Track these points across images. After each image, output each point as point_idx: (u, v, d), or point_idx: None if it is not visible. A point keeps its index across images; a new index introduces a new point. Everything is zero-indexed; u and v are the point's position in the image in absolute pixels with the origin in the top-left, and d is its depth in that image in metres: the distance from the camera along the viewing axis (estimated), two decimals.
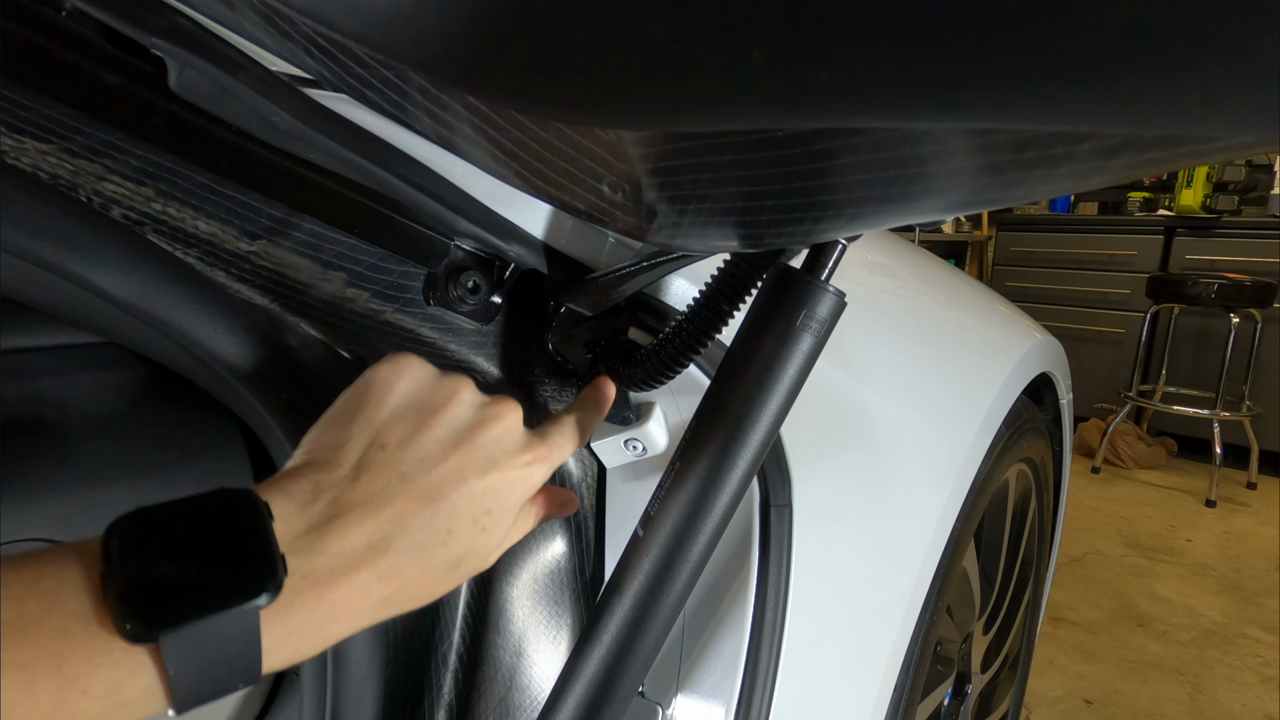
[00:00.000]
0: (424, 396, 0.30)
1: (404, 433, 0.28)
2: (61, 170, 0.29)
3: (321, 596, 0.24)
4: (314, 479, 0.26)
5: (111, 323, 0.32)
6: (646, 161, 0.21)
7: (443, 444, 0.29)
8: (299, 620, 0.24)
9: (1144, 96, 0.11)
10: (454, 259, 0.39)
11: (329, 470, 0.27)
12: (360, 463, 0.27)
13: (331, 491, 0.26)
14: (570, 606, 0.45)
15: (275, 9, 0.19)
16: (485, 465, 0.29)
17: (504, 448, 0.30)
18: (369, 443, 0.28)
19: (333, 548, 0.25)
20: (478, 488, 0.29)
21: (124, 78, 0.29)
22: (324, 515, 0.25)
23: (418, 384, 0.30)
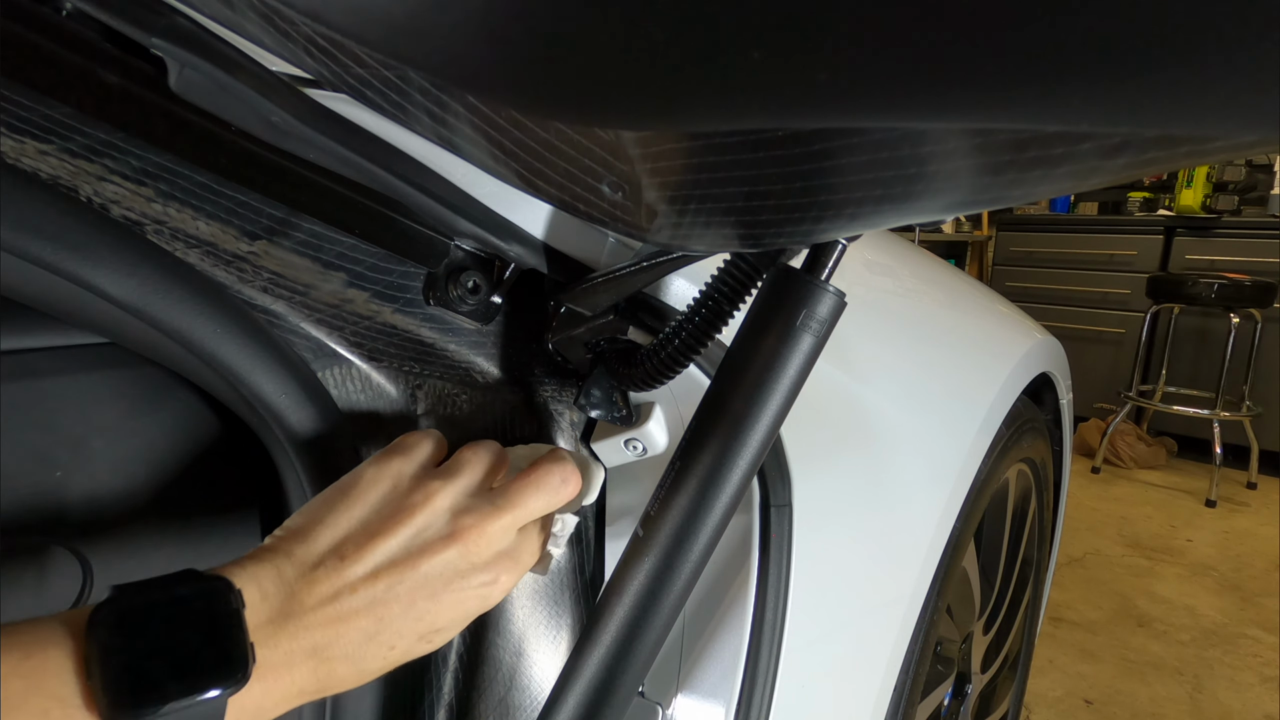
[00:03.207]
0: (396, 499, 0.30)
1: (361, 544, 0.29)
2: (61, 170, 0.29)
3: (267, 687, 0.26)
4: (278, 568, 0.27)
5: (111, 323, 0.32)
6: (646, 161, 0.21)
7: (397, 562, 0.29)
8: (244, 704, 0.25)
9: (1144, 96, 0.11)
10: (454, 259, 0.39)
11: (292, 564, 0.28)
12: (318, 564, 0.28)
13: (289, 586, 0.27)
14: (570, 606, 0.45)
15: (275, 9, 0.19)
16: (437, 589, 0.30)
17: (459, 570, 0.30)
18: (331, 547, 0.29)
19: (283, 645, 0.26)
20: (426, 610, 0.29)
21: (124, 78, 0.29)
22: (280, 611, 0.27)
23: (397, 485, 0.31)
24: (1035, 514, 1.06)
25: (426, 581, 0.29)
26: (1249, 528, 2.46)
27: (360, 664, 0.28)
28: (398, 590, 0.29)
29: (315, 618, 0.27)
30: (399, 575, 0.29)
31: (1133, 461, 2.98)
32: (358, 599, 0.28)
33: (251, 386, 0.35)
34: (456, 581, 0.30)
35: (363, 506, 0.30)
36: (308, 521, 0.29)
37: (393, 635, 0.29)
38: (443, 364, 0.41)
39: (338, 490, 0.31)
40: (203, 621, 0.24)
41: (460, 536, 0.30)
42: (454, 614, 0.30)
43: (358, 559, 0.28)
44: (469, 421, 0.43)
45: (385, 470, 0.31)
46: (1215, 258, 3.00)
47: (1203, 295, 2.65)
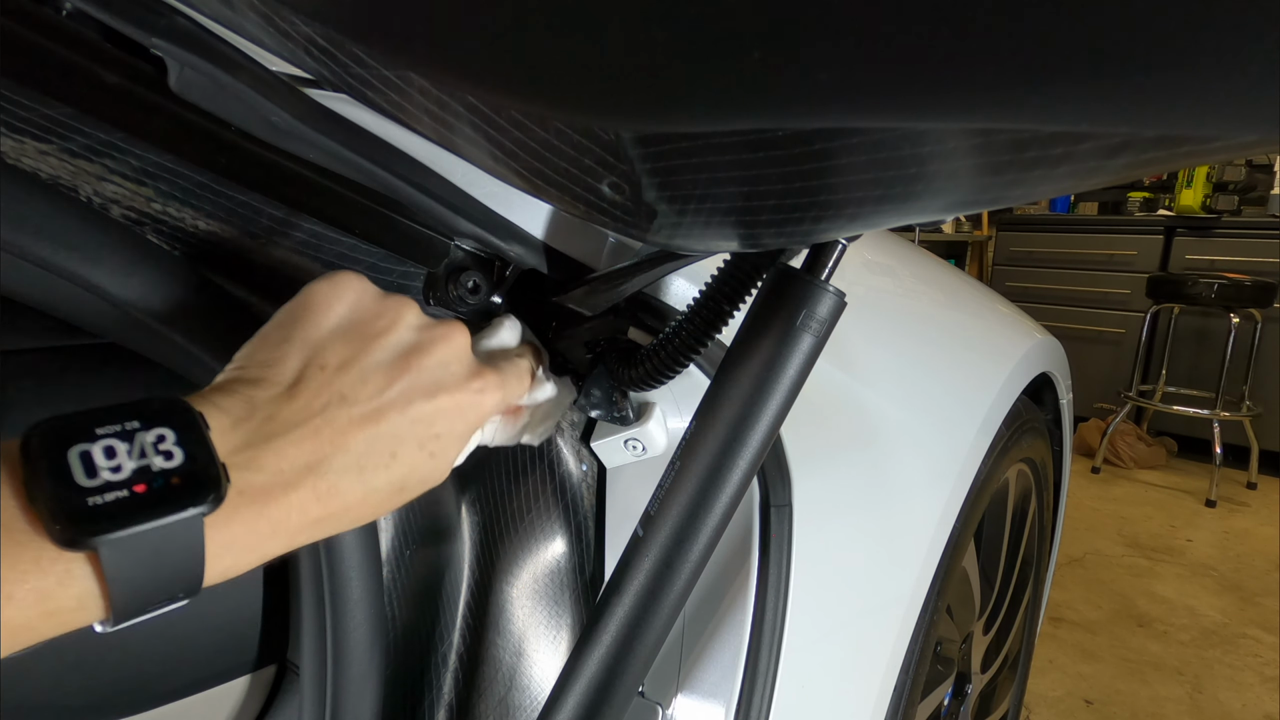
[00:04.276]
0: (365, 317, 0.29)
1: (344, 354, 0.27)
2: (62, 170, 0.29)
3: (259, 513, 0.23)
4: (247, 395, 0.25)
5: (111, 323, 0.32)
6: (646, 161, 0.21)
7: (385, 366, 0.28)
8: (236, 535, 0.23)
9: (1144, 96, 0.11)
10: (454, 259, 0.39)
11: (264, 387, 0.25)
12: (298, 381, 0.26)
13: (267, 409, 0.25)
14: (570, 606, 0.45)
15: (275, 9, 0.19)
16: (431, 388, 0.28)
17: (451, 372, 0.29)
18: (306, 361, 0.27)
19: (270, 465, 0.24)
20: (423, 411, 0.28)
21: (124, 78, 0.29)
22: (260, 433, 0.24)
23: (359, 303, 0.29)
24: (1035, 514, 1.06)
25: (418, 381, 0.28)
26: (1249, 528, 2.46)
27: (364, 476, 0.26)
28: (392, 393, 0.27)
29: (304, 431, 0.25)
30: (390, 376, 0.27)
31: (1133, 461, 2.98)
32: (352, 406, 0.26)
33: None
34: (449, 384, 0.29)
35: (330, 317, 0.28)
36: (264, 345, 0.27)
37: (392, 440, 0.27)
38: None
39: (292, 310, 0.28)
40: (161, 439, 0.22)
41: (437, 343, 0.29)
42: (451, 420, 0.29)
43: (343, 366, 0.27)
44: None
45: (341, 286, 0.29)
46: (1215, 258, 3.00)
47: (1203, 295, 2.65)
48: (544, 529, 0.45)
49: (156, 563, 0.21)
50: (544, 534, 0.45)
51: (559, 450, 0.44)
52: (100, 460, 0.20)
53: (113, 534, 0.20)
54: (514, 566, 0.45)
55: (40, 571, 0.19)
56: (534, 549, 0.45)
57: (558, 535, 0.45)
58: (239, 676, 0.45)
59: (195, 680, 0.43)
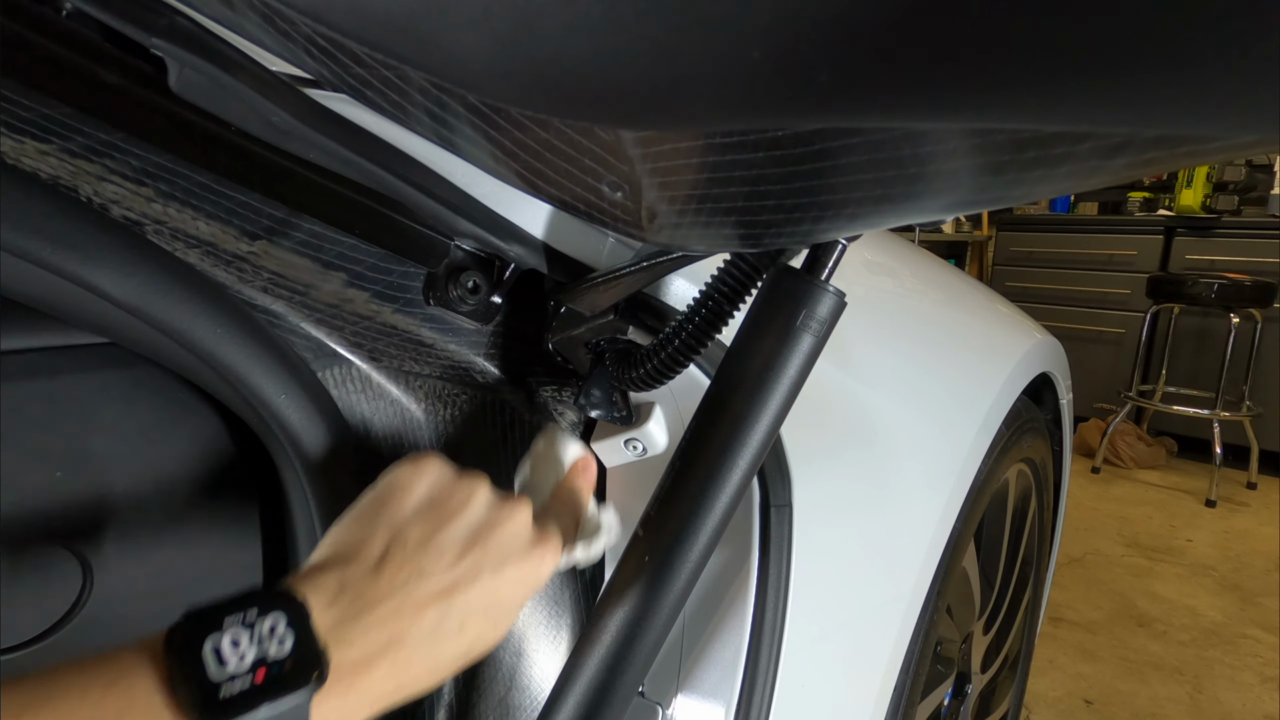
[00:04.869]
0: (443, 496, 0.31)
1: (424, 532, 0.30)
2: (62, 170, 0.29)
3: (349, 685, 0.26)
4: (340, 574, 0.28)
5: (111, 323, 0.32)
6: (646, 161, 0.21)
7: (459, 543, 0.30)
8: (331, 708, 0.25)
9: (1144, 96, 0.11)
10: (454, 259, 0.39)
11: (354, 566, 0.28)
12: (383, 559, 0.28)
13: (356, 587, 0.27)
14: (570, 606, 0.45)
15: (275, 9, 0.19)
16: (498, 563, 0.31)
17: (517, 545, 0.32)
18: (390, 540, 0.29)
19: (359, 641, 0.26)
20: (491, 584, 0.30)
21: (124, 78, 0.29)
22: (351, 610, 0.27)
23: (437, 484, 0.32)
24: (1035, 514, 1.06)
25: (490, 557, 0.30)
26: (1249, 528, 2.46)
27: (434, 649, 0.28)
28: (465, 568, 0.30)
29: (388, 608, 0.27)
30: (463, 552, 0.30)
31: (1133, 461, 2.98)
32: (432, 582, 0.29)
33: (251, 387, 0.35)
34: (515, 555, 0.31)
35: (412, 500, 0.31)
36: (352, 530, 0.30)
37: (462, 612, 0.29)
38: (443, 364, 0.41)
39: (378, 495, 0.31)
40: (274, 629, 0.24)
41: (506, 520, 0.32)
42: (515, 589, 0.31)
43: (424, 544, 0.29)
44: (469, 421, 0.43)
45: (422, 470, 0.32)
46: (1215, 258, 3.00)
47: (1203, 295, 2.65)
48: None
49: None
50: None
51: None
52: (228, 651, 0.23)
53: (240, 717, 0.22)
54: None
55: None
56: None
57: None
58: None
59: None
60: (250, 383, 0.35)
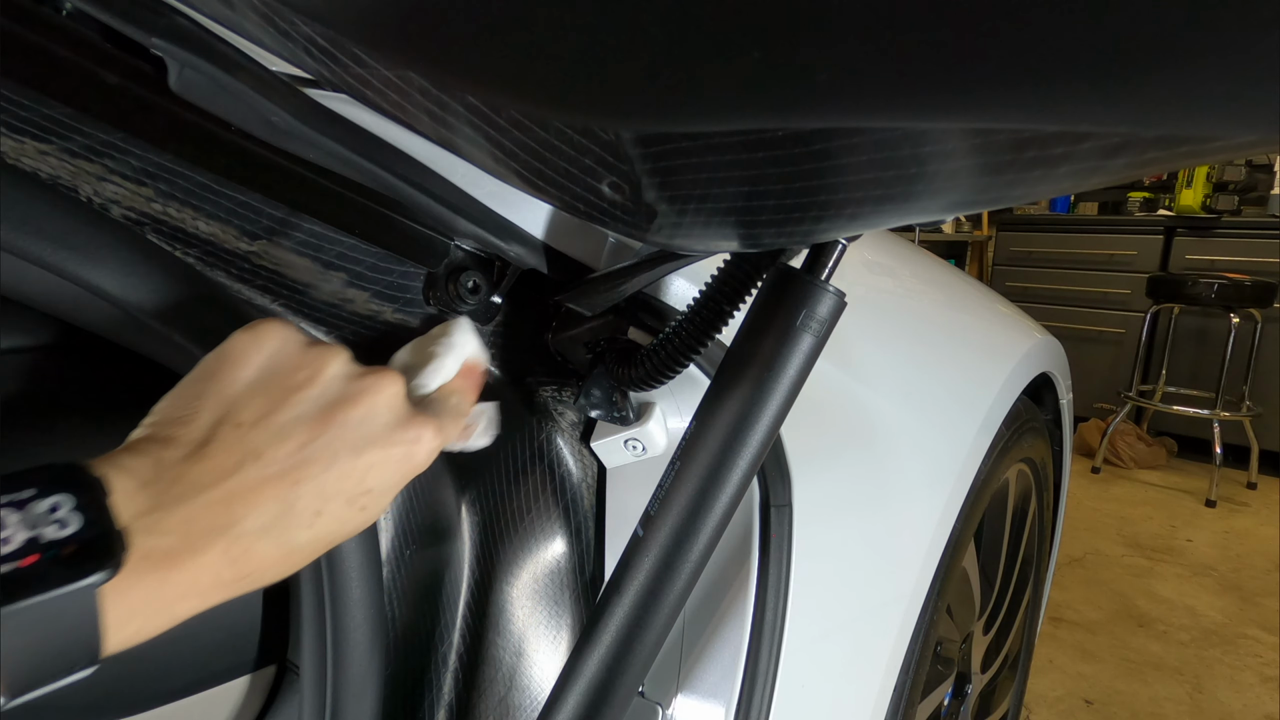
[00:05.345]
0: (287, 368, 0.27)
1: (260, 409, 0.26)
2: (62, 170, 0.29)
3: (164, 578, 0.23)
4: (156, 455, 0.24)
5: (111, 323, 0.32)
6: (646, 161, 0.21)
7: (306, 421, 0.26)
8: (141, 599, 0.22)
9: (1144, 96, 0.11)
10: (454, 259, 0.39)
11: (173, 447, 0.25)
12: (208, 440, 0.25)
13: (175, 470, 0.24)
14: (570, 606, 0.45)
15: (275, 9, 0.19)
16: (359, 443, 0.27)
17: (382, 423, 0.28)
18: (219, 418, 0.26)
19: (177, 529, 0.23)
20: (351, 467, 0.27)
21: (124, 78, 0.29)
22: (167, 496, 0.24)
23: (281, 354, 0.28)
24: (1035, 514, 1.06)
25: (344, 436, 0.27)
26: (1249, 528, 2.46)
27: (284, 537, 0.25)
28: (313, 449, 0.26)
29: (215, 494, 0.24)
30: (311, 432, 0.26)
31: (1133, 461, 2.98)
32: (267, 465, 0.25)
33: None
34: (378, 437, 0.28)
35: (248, 371, 0.27)
36: (180, 401, 0.26)
37: (315, 498, 0.26)
38: None
39: (211, 363, 0.27)
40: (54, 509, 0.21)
41: (364, 394, 0.28)
42: (383, 473, 0.28)
43: (259, 423, 0.26)
44: None
45: (261, 336, 0.28)
46: (1215, 258, 3.00)
47: (1203, 295, 2.65)
48: (544, 529, 0.45)
49: (49, 636, 0.20)
50: (544, 534, 0.45)
51: (559, 450, 0.44)
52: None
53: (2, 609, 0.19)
54: (514, 566, 0.45)
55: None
56: (534, 549, 0.45)
57: (558, 535, 0.45)
58: (239, 676, 0.45)
59: (195, 680, 0.43)
60: None
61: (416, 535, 0.44)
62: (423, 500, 0.44)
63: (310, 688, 0.40)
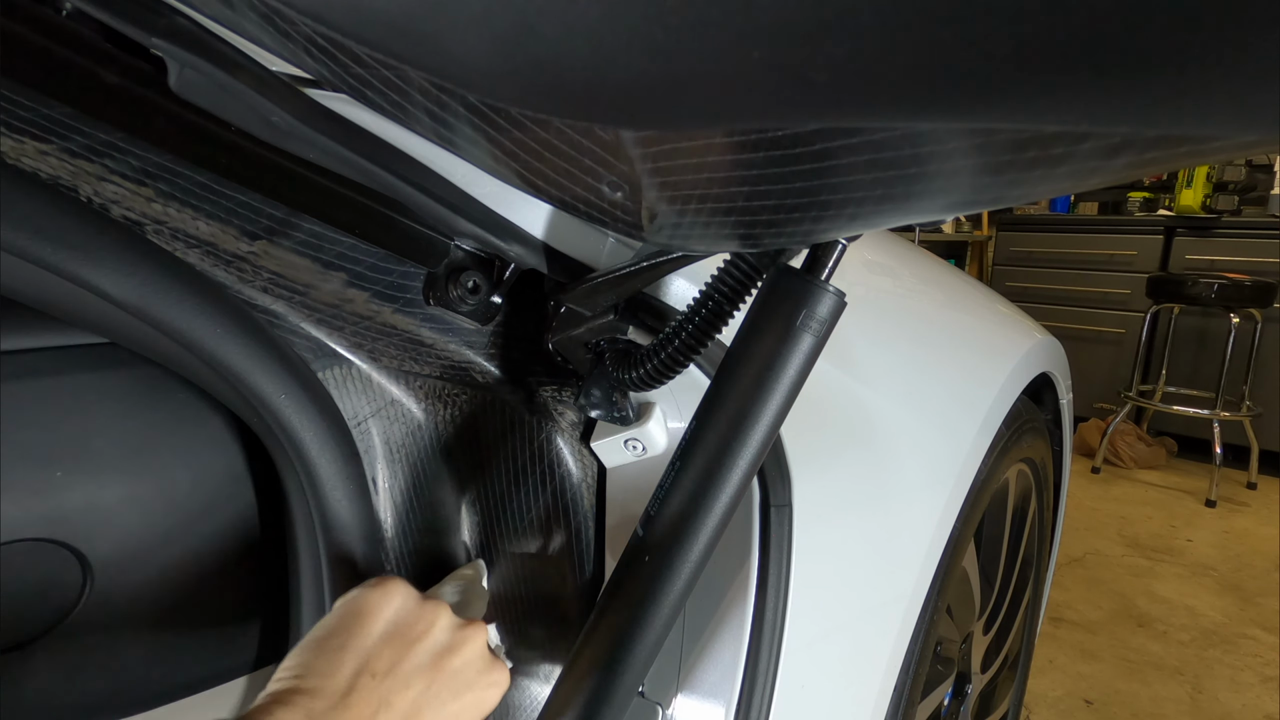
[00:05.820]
0: (408, 622, 0.33)
1: (390, 660, 0.31)
2: (61, 170, 0.29)
3: None
4: (306, 707, 0.28)
5: (111, 323, 0.32)
6: (646, 161, 0.21)
7: (424, 670, 0.32)
8: None
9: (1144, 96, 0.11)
10: (454, 259, 0.39)
11: (320, 698, 0.29)
12: (349, 690, 0.29)
13: (323, 718, 0.28)
14: (570, 606, 0.45)
15: (275, 9, 0.19)
16: (458, 688, 0.33)
17: (475, 670, 0.34)
18: (358, 670, 0.30)
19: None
20: (450, 709, 0.32)
21: (124, 78, 0.29)
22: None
23: (403, 610, 0.33)
24: (1035, 514, 1.06)
25: (450, 683, 0.32)
26: (1249, 528, 2.46)
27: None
28: (429, 695, 0.31)
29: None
30: (428, 680, 0.32)
31: (1133, 461, 2.98)
32: (394, 711, 0.30)
33: (251, 386, 0.35)
34: (473, 681, 0.34)
35: (379, 626, 0.32)
36: (318, 658, 0.30)
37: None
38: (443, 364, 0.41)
39: (348, 618, 0.32)
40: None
41: (464, 645, 0.34)
42: (470, 711, 0.33)
43: (390, 673, 0.31)
44: (469, 421, 0.43)
45: (388, 595, 0.33)
46: (1215, 258, 3.00)
47: (1203, 295, 2.65)
48: (544, 529, 0.45)
49: None
50: (544, 534, 0.45)
51: (559, 450, 0.44)
52: None
53: None
54: (514, 566, 0.45)
55: None
56: (534, 549, 0.45)
57: (558, 535, 0.45)
58: (239, 676, 0.45)
59: (195, 680, 0.43)
60: (250, 383, 0.35)
61: (416, 535, 0.44)
62: (423, 500, 0.44)
63: None
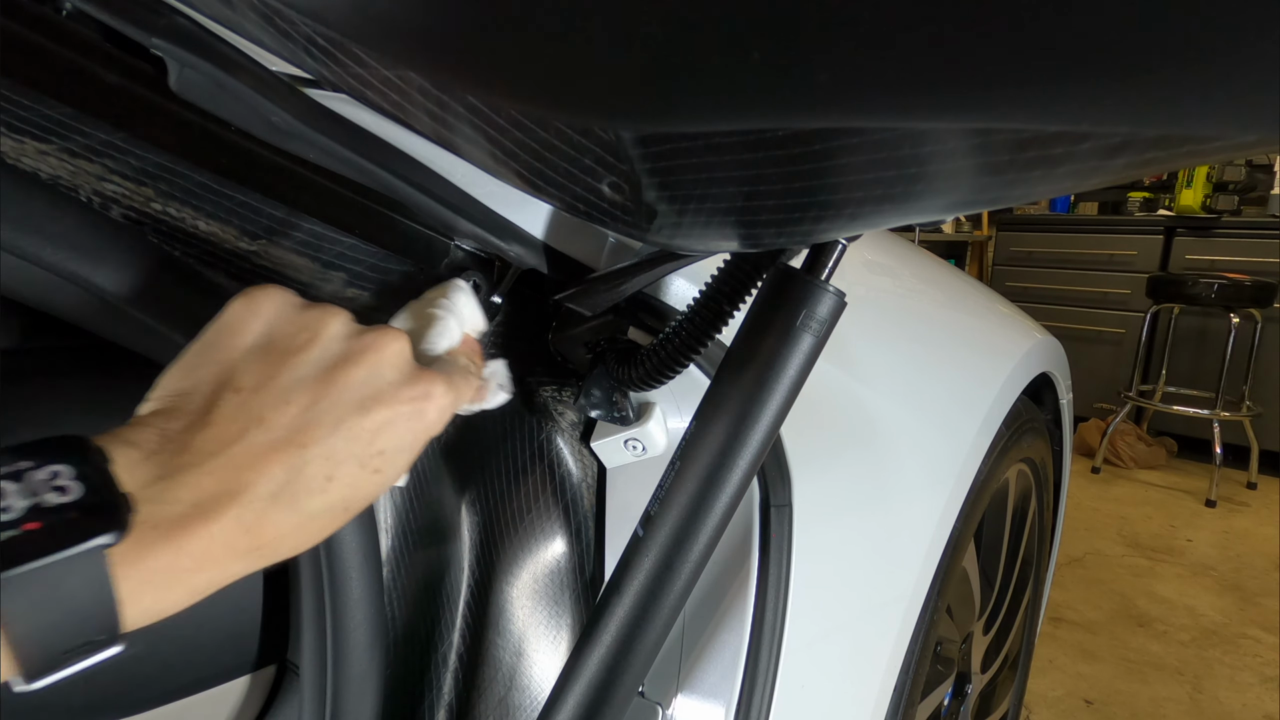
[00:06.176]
0: (286, 331, 0.27)
1: (261, 374, 0.26)
2: (62, 170, 0.29)
3: (178, 546, 0.22)
4: (160, 427, 0.24)
5: (111, 323, 0.32)
6: (646, 161, 0.21)
7: (308, 383, 0.26)
8: (154, 570, 0.22)
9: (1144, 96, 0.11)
10: (454, 259, 0.39)
11: (176, 417, 0.24)
12: (210, 408, 0.25)
13: (179, 439, 0.24)
14: (570, 606, 0.45)
15: (275, 9, 0.19)
16: (365, 402, 0.26)
17: (388, 381, 0.27)
18: (220, 385, 0.25)
19: (183, 497, 0.23)
20: (359, 428, 0.26)
21: (124, 78, 0.29)
22: (172, 464, 0.23)
23: (278, 318, 0.27)
24: (1035, 514, 1.06)
25: (349, 396, 0.26)
26: (1249, 528, 2.46)
27: (296, 503, 0.25)
28: (317, 411, 0.25)
29: (221, 460, 0.24)
30: (314, 394, 0.26)
31: (1133, 461, 2.98)
32: (271, 429, 0.25)
33: None
34: (385, 395, 0.27)
35: (247, 338, 0.26)
36: (181, 374, 0.26)
37: (325, 462, 0.25)
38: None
39: (209, 334, 0.27)
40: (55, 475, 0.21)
41: (363, 353, 0.27)
42: (394, 433, 0.27)
43: (261, 388, 0.25)
44: (469, 421, 0.43)
45: (257, 303, 0.27)
46: (1215, 258, 3.00)
47: (1203, 295, 2.65)
48: (544, 529, 0.45)
49: (61, 603, 0.20)
50: (544, 534, 0.45)
51: (559, 450, 0.44)
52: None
53: (5, 573, 0.19)
54: (514, 566, 0.45)
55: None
56: (534, 549, 0.45)
57: (558, 535, 0.45)
58: (239, 676, 0.45)
59: (195, 680, 0.43)
60: None
61: (416, 535, 0.44)
62: (423, 500, 0.44)
63: (310, 688, 0.40)
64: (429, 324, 0.32)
